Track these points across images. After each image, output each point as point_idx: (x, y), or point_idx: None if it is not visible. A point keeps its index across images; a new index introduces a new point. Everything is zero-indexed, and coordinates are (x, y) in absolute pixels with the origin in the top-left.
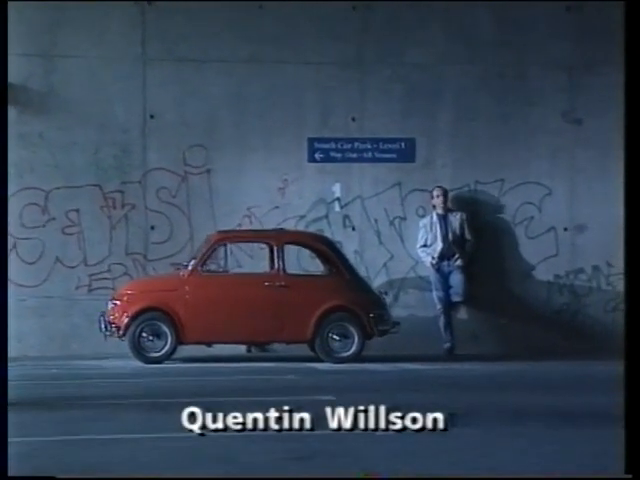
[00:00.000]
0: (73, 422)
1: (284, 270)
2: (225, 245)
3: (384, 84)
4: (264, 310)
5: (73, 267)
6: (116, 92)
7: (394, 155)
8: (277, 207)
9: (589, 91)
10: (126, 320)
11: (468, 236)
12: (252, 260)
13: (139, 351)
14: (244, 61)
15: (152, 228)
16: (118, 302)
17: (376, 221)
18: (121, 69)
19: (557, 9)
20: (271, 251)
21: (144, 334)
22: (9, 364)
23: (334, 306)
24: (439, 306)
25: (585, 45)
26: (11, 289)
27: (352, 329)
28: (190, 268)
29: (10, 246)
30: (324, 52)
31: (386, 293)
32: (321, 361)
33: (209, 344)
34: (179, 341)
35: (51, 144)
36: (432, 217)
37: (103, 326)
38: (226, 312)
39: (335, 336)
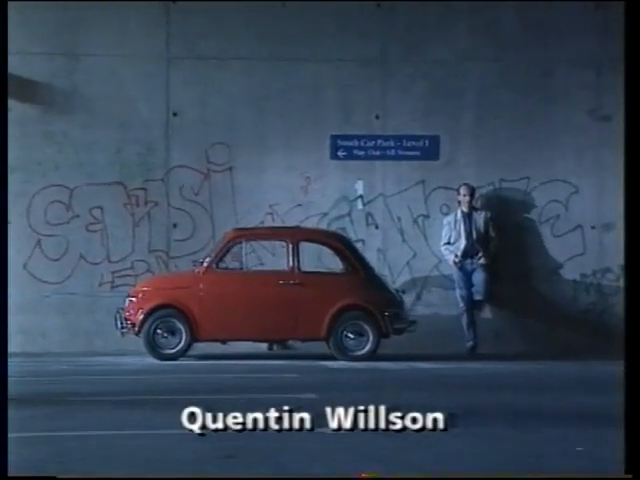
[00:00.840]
0: (62, 418)
1: (299, 268)
2: (241, 243)
3: (406, 82)
4: (278, 308)
5: (96, 264)
6: (139, 90)
7: (417, 153)
8: (299, 205)
9: (616, 89)
10: (141, 317)
11: (492, 234)
12: (274, 257)
13: (154, 348)
14: (265, 59)
15: (175, 225)
16: (134, 299)
17: (399, 219)
18: (144, 68)
19: (584, 7)
20: (287, 249)
21: (159, 331)
22: (26, 359)
23: (348, 304)
24: (462, 304)
25: (612, 42)
26: (35, 285)
27: (367, 327)
28: (205, 265)
29: (34, 243)
30: (345, 50)
31: (404, 292)
32: (336, 359)
33: (223, 341)
34: (193, 338)
35: (75, 142)
36: (456, 214)
37: (119, 323)
38: (240, 309)
39: (350, 334)
